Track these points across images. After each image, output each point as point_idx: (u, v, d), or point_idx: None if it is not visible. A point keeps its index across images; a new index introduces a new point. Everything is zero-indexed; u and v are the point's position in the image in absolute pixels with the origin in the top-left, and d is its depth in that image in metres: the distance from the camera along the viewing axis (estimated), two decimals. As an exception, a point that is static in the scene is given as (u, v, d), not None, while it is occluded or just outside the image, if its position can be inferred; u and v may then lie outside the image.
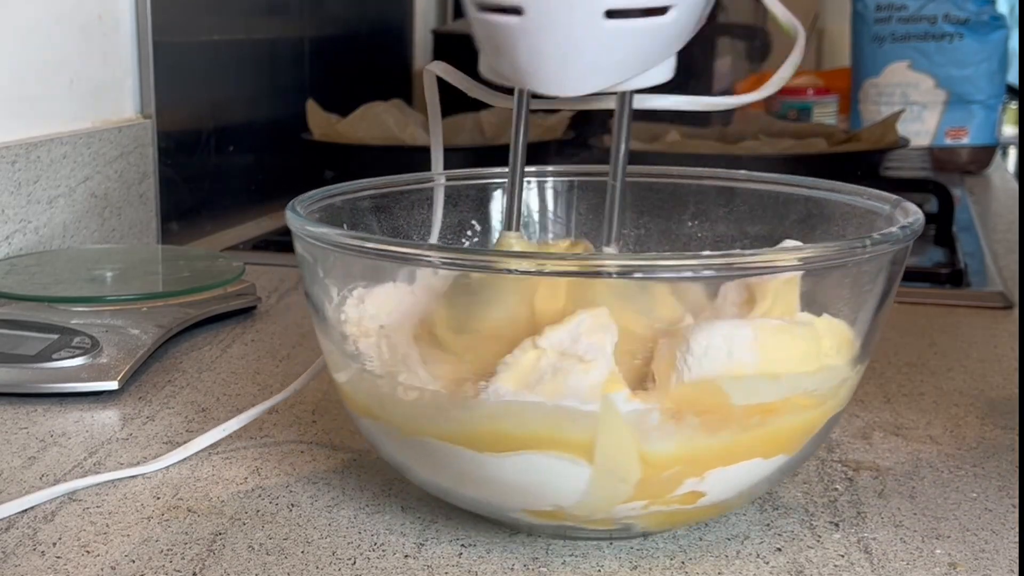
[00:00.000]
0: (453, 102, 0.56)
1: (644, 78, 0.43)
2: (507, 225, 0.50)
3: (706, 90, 1.61)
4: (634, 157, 0.47)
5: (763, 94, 0.48)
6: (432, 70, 0.51)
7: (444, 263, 0.41)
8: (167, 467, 0.52)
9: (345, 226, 0.52)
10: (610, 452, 0.40)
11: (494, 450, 0.41)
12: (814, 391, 0.42)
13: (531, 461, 0.41)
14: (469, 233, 0.57)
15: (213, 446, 0.54)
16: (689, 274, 0.40)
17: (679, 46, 0.43)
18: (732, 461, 0.42)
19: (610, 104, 0.46)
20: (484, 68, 0.45)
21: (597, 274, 0.40)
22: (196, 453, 0.53)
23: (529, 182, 0.58)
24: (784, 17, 0.47)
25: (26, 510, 0.47)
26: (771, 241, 0.53)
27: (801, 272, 0.42)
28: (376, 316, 0.45)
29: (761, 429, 0.41)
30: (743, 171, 0.56)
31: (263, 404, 0.55)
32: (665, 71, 0.44)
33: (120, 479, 0.51)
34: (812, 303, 0.43)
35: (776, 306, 0.43)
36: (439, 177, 0.56)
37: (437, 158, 0.55)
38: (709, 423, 0.40)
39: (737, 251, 0.45)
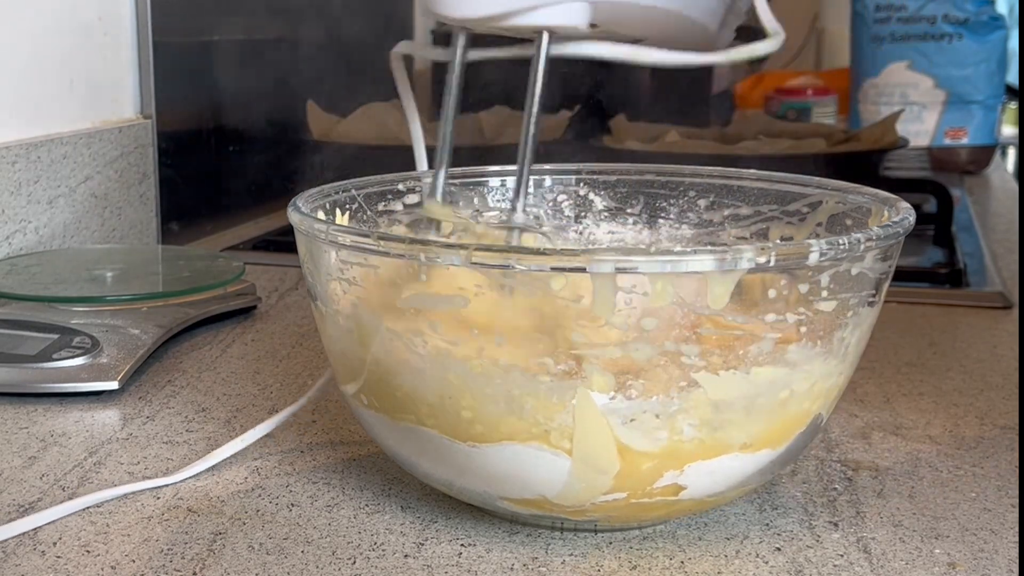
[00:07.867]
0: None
1: (555, 14, 0.43)
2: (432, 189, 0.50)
3: (706, 90, 1.61)
4: (634, 157, 0.46)
5: (716, 60, 0.47)
6: (399, 51, 0.51)
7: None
8: (187, 478, 0.52)
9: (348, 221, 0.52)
10: (588, 444, 0.41)
11: (478, 440, 0.42)
12: (794, 388, 0.42)
13: (513, 451, 0.41)
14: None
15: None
16: (658, 269, 0.38)
17: None
18: (711, 455, 0.42)
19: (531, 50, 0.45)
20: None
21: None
22: (211, 463, 0.53)
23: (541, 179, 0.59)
24: (768, 22, 0.47)
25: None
26: (766, 238, 0.53)
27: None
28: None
29: (734, 426, 0.41)
30: (736, 168, 0.56)
31: (290, 408, 0.55)
32: (579, 14, 0.43)
33: (138, 491, 0.51)
34: (800, 299, 0.43)
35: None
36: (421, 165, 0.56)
37: (417, 137, 0.55)
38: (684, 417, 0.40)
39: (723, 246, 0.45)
